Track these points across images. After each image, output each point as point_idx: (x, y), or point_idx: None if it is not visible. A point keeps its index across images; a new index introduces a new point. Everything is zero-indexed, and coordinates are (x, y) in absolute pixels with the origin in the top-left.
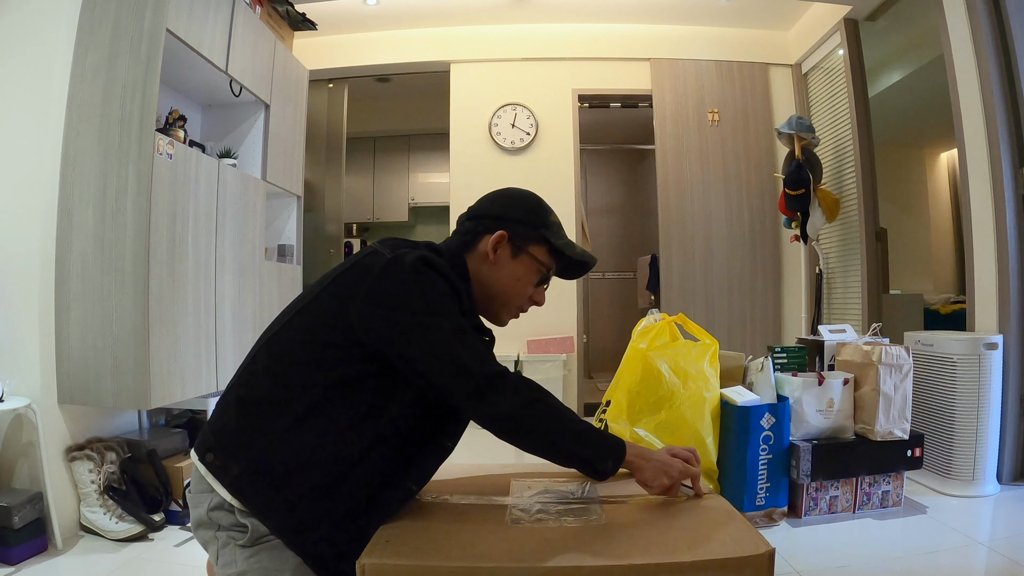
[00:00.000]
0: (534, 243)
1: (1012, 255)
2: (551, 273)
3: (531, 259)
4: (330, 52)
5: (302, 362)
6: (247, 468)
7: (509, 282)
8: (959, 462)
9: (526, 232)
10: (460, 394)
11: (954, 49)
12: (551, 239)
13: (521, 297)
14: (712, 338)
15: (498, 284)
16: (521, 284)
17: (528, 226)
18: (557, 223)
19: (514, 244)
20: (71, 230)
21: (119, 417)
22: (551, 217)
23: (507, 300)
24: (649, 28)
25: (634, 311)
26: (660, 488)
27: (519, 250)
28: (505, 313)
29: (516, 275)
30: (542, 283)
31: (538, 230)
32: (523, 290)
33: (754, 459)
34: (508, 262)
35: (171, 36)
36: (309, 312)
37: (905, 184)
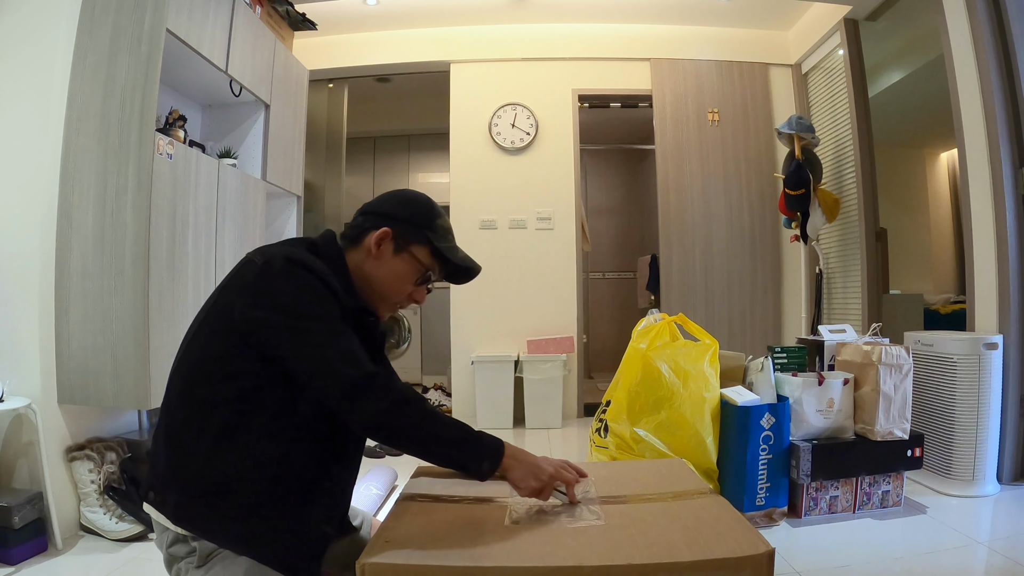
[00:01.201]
0: (417, 243)
1: (1012, 255)
2: (432, 275)
3: (412, 258)
4: (330, 52)
5: (208, 382)
6: (182, 495)
7: (388, 278)
8: (959, 462)
9: (411, 231)
10: (330, 397)
11: (954, 49)
12: (434, 241)
13: (399, 294)
14: (712, 338)
15: (377, 279)
16: (400, 281)
17: (413, 226)
18: (445, 228)
19: (397, 242)
20: (71, 230)
21: (119, 417)
22: (439, 221)
23: (385, 295)
24: (649, 28)
25: (634, 311)
26: (528, 490)
27: (401, 248)
28: (383, 307)
29: (396, 272)
30: (423, 283)
31: (423, 231)
32: (401, 287)
33: (754, 459)
34: (390, 258)
35: (171, 36)
36: (202, 333)
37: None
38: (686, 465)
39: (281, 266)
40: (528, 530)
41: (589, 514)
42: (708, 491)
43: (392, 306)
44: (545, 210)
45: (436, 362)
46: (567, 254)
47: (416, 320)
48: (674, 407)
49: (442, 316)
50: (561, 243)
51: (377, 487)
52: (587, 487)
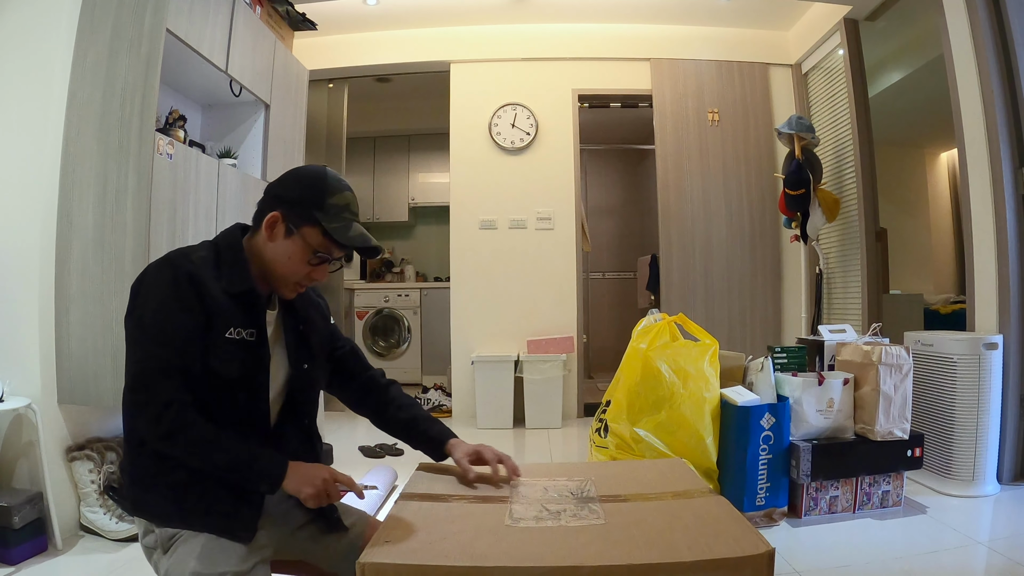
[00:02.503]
0: (306, 224)
1: (1012, 255)
2: (325, 255)
3: (302, 240)
4: (330, 52)
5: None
6: (131, 487)
7: (282, 260)
8: (959, 462)
9: (300, 213)
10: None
11: (954, 49)
12: (323, 222)
13: (294, 274)
14: (712, 338)
15: (273, 262)
16: (293, 262)
17: (303, 207)
18: (338, 205)
19: (287, 224)
20: (71, 230)
21: (119, 417)
22: (331, 199)
23: (281, 276)
24: (649, 28)
25: (634, 311)
26: (307, 496)
27: (291, 231)
28: (284, 288)
29: (288, 253)
30: (320, 263)
31: (311, 212)
32: (296, 268)
33: (754, 459)
34: (282, 241)
35: (171, 36)
36: (129, 339)
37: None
38: (686, 465)
39: (146, 272)
40: (527, 530)
41: (589, 513)
42: (708, 491)
43: (292, 286)
44: (545, 210)
45: (436, 362)
46: (567, 254)
47: (416, 320)
48: (674, 407)
49: (442, 316)
50: (561, 243)
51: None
52: (587, 485)
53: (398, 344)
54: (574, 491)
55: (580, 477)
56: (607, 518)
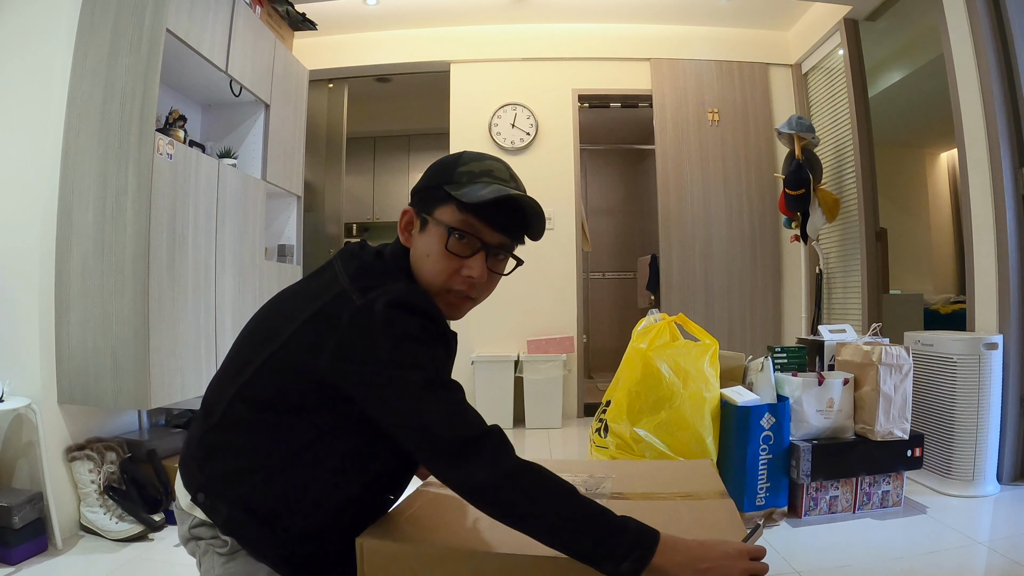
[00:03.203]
0: (438, 205)
1: (1012, 255)
2: (465, 234)
3: (437, 225)
4: (330, 52)
5: (282, 409)
6: (234, 509)
7: (421, 260)
8: (959, 462)
9: (430, 196)
10: (427, 459)
11: (954, 49)
12: (453, 192)
13: (439, 275)
14: (712, 338)
15: (417, 268)
16: (432, 259)
17: (432, 189)
18: (474, 171)
19: (420, 216)
20: (71, 230)
21: (119, 417)
22: (462, 168)
23: (431, 285)
24: (649, 28)
25: (634, 311)
26: None
27: (424, 221)
28: (440, 300)
29: (426, 250)
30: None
31: (440, 189)
32: (436, 266)
33: (754, 459)
34: (419, 237)
35: (171, 36)
36: (280, 360)
37: (905, 184)
38: (711, 467)
39: (382, 312)
40: None
41: None
42: (720, 494)
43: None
44: (545, 210)
45: None
46: (567, 254)
47: None
48: (674, 407)
49: None
50: (561, 243)
51: None
52: (604, 483)
53: None
54: (588, 487)
55: (602, 474)
56: None
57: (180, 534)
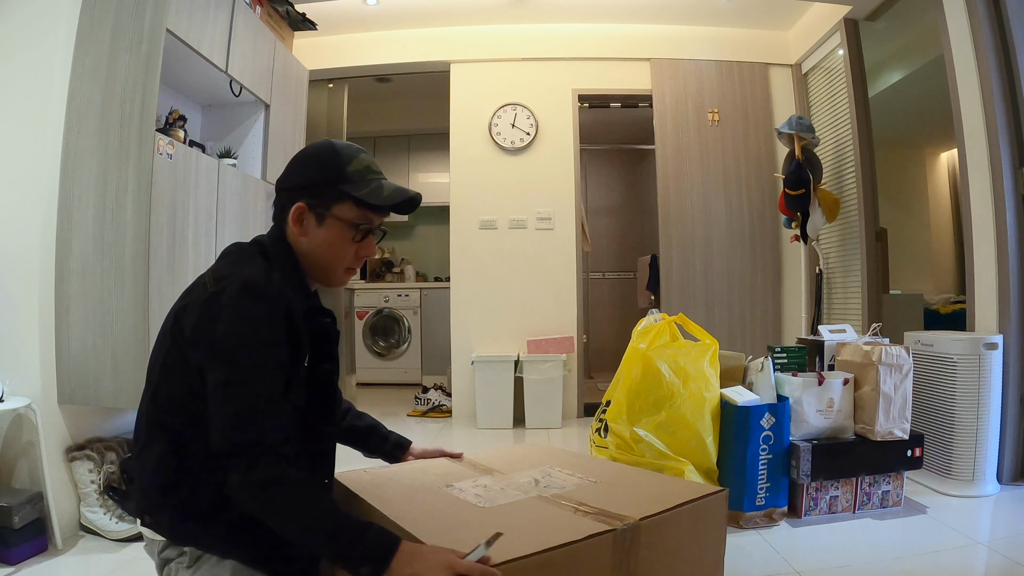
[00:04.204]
0: (336, 203)
1: (1012, 255)
2: (365, 225)
3: (337, 221)
4: (330, 52)
5: (184, 409)
6: (175, 517)
7: (323, 249)
8: (959, 462)
9: (324, 194)
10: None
11: (954, 49)
12: (353, 192)
13: (342, 260)
14: (712, 338)
15: (315, 254)
16: (336, 248)
17: (323, 187)
18: (360, 170)
19: (315, 211)
20: (71, 230)
21: (119, 417)
22: (350, 167)
23: (330, 266)
24: (649, 28)
25: (634, 311)
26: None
27: (322, 216)
28: (334, 278)
29: (328, 241)
30: (363, 238)
31: (336, 187)
32: (341, 253)
33: (754, 459)
34: (316, 230)
35: (171, 36)
36: (168, 364)
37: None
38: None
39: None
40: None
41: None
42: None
43: (343, 273)
44: (545, 210)
45: (436, 362)
46: (567, 254)
47: (416, 320)
48: (674, 407)
49: (442, 316)
50: (561, 243)
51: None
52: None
53: (398, 344)
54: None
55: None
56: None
57: (156, 566)
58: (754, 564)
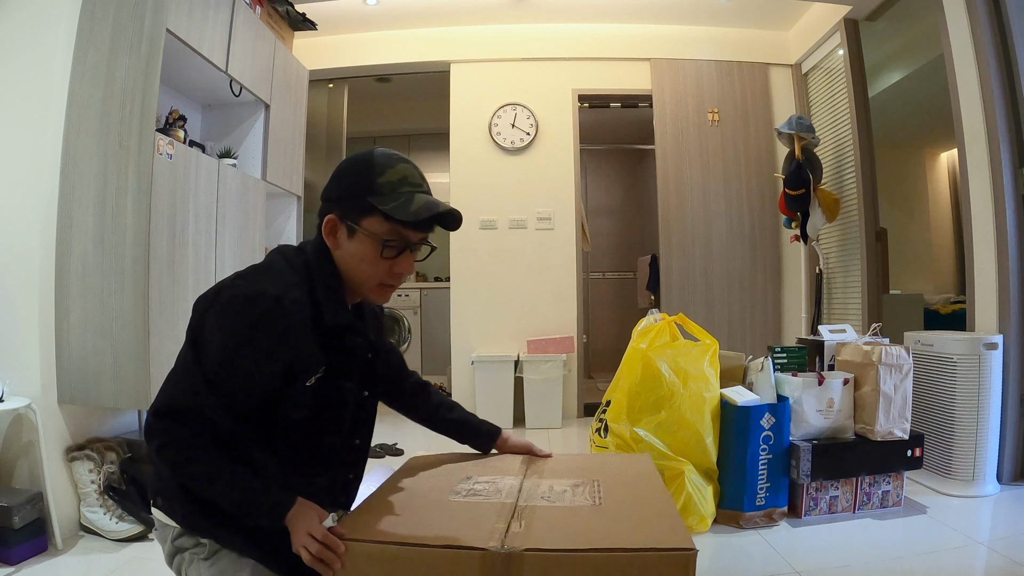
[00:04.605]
0: (364, 216)
1: (1012, 255)
2: (398, 242)
3: (367, 235)
4: (330, 52)
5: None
6: (190, 505)
7: (354, 263)
8: (959, 462)
9: (353, 207)
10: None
11: (954, 49)
12: (380, 206)
13: (374, 276)
14: (712, 338)
15: (347, 268)
16: (367, 263)
17: (354, 199)
18: (391, 182)
19: (346, 223)
20: (71, 230)
21: (119, 417)
22: (381, 179)
23: (361, 280)
24: (649, 28)
25: (634, 311)
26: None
27: (352, 229)
28: (368, 293)
29: (359, 255)
30: (398, 254)
31: (364, 200)
32: (372, 269)
33: (754, 459)
34: (347, 243)
35: (171, 36)
36: (187, 357)
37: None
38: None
39: (222, 307)
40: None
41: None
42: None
43: (378, 289)
44: (545, 210)
45: (436, 362)
46: (567, 254)
47: (416, 320)
48: (674, 407)
49: (442, 316)
50: (561, 243)
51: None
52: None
53: (398, 344)
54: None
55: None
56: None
57: (166, 553)
58: (754, 564)
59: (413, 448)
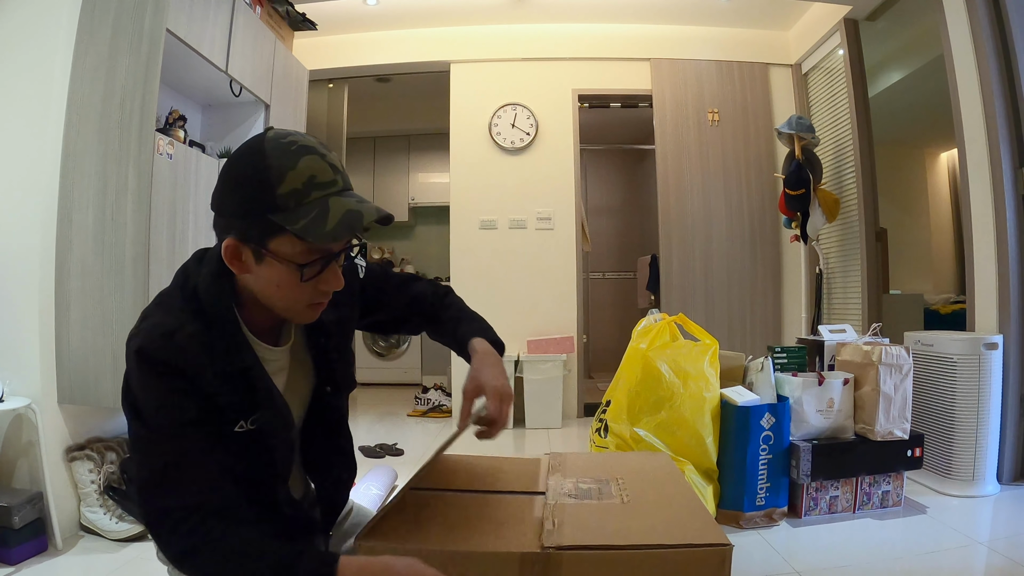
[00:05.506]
0: (270, 237)
1: (1012, 255)
2: (322, 258)
3: (277, 259)
4: (330, 52)
5: None
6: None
7: (270, 291)
8: (959, 462)
9: (253, 228)
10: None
11: (954, 49)
12: (287, 225)
13: (298, 300)
14: (712, 338)
15: (262, 294)
16: (285, 289)
17: (251, 218)
18: (298, 188)
19: (250, 246)
20: (71, 230)
21: (119, 417)
22: (280, 187)
23: (286, 307)
24: (649, 28)
25: (634, 311)
26: None
27: (260, 254)
28: (299, 317)
29: (273, 282)
30: (323, 269)
31: (264, 219)
32: (293, 294)
33: (754, 459)
34: (257, 268)
35: (171, 36)
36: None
37: (905, 184)
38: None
39: (130, 357)
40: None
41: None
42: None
43: (305, 311)
44: (545, 210)
45: (436, 361)
46: (567, 254)
47: None
48: (674, 407)
49: None
50: (561, 243)
51: (377, 487)
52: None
53: (398, 344)
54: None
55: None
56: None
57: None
58: (754, 564)
59: (413, 448)
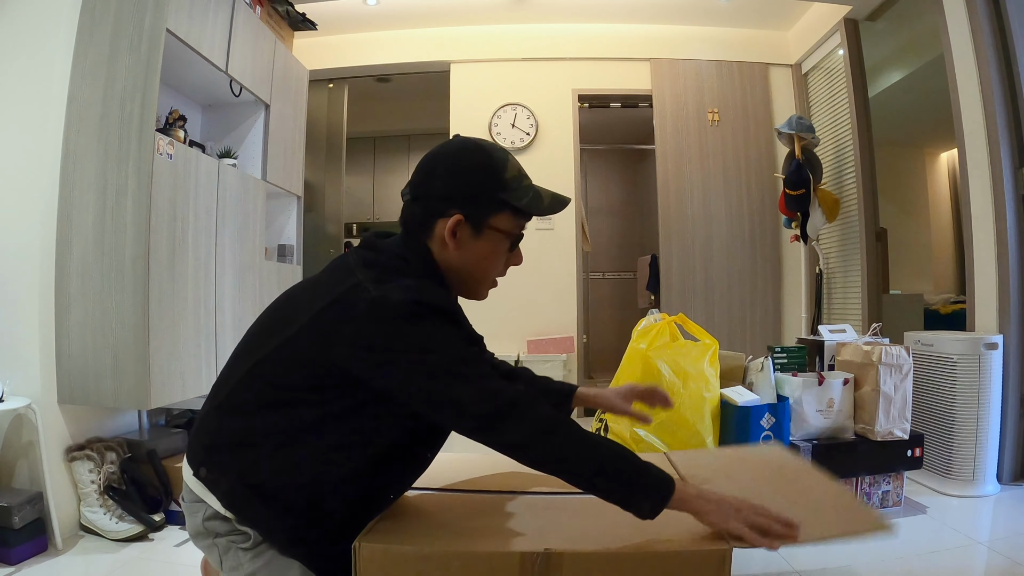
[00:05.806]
0: (495, 213)
1: (1012, 255)
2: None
3: (496, 233)
4: (330, 52)
5: (290, 390)
6: (237, 482)
7: (478, 262)
8: (959, 462)
9: (484, 205)
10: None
11: (954, 49)
12: (513, 202)
13: (494, 272)
14: (712, 338)
15: (468, 267)
16: (492, 260)
17: (485, 196)
18: (516, 175)
19: (473, 223)
20: (71, 230)
21: (119, 417)
22: (506, 173)
23: (483, 278)
24: (649, 28)
25: (634, 311)
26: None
27: (480, 228)
28: (483, 289)
29: (484, 253)
30: (515, 245)
31: (495, 197)
32: (494, 266)
33: None
34: (472, 243)
35: (171, 36)
36: (293, 347)
37: (905, 184)
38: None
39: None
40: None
41: None
42: None
43: (490, 284)
44: None
45: None
46: (567, 254)
47: None
48: (674, 407)
49: None
50: (561, 243)
51: None
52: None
53: None
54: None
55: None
56: None
57: (191, 528)
58: (754, 564)
59: None
